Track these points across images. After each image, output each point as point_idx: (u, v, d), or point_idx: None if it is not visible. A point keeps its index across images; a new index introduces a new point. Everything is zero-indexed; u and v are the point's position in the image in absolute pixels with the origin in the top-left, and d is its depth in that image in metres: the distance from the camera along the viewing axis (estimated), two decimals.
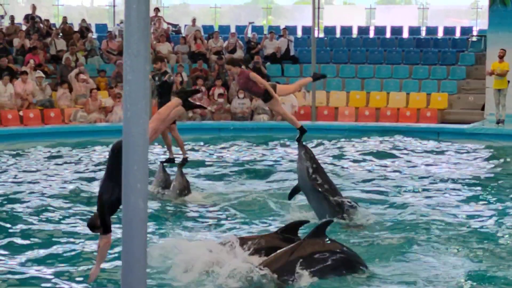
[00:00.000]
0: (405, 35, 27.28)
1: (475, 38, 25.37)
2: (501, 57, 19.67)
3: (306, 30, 26.98)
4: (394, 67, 24.18)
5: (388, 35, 27.21)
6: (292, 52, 25.01)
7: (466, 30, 27.46)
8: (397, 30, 27.42)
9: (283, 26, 26.76)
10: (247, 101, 21.44)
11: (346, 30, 27.86)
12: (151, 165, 12.19)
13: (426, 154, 16.48)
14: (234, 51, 24.57)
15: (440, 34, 27.40)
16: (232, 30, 27.12)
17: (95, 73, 22.82)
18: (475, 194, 11.87)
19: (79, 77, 21.26)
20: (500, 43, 20.55)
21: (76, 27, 25.59)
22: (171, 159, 12.03)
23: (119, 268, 6.90)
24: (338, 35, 27.57)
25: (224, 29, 27.43)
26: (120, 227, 3.53)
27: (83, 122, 20.07)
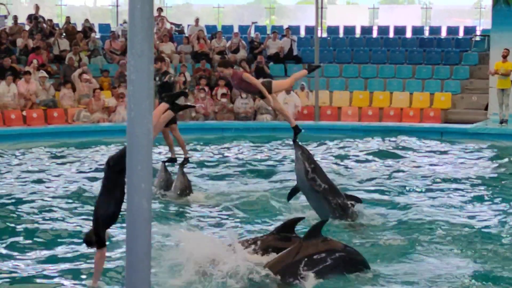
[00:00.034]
0: (408, 35, 27.26)
1: (478, 38, 25.33)
2: (505, 56, 19.64)
3: (309, 30, 26.97)
4: (397, 67, 24.16)
5: (391, 35, 27.19)
6: (295, 52, 25.01)
7: (470, 30, 27.44)
8: (400, 30, 27.39)
9: (286, 26, 26.76)
10: (250, 101, 21.43)
11: (349, 30, 27.85)
12: (152, 164, 12.14)
13: (429, 154, 16.46)
14: (237, 51, 24.58)
15: (444, 34, 27.37)
16: (235, 30, 27.12)
17: (98, 73, 22.84)
18: (479, 194, 11.85)
19: (82, 77, 21.27)
20: (504, 43, 20.54)
21: (79, 27, 25.60)
22: (172, 159, 12.03)
23: (122, 267, 6.93)
24: (341, 35, 27.55)
25: (227, 29, 27.44)
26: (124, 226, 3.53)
27: (86, 122, 20.08)
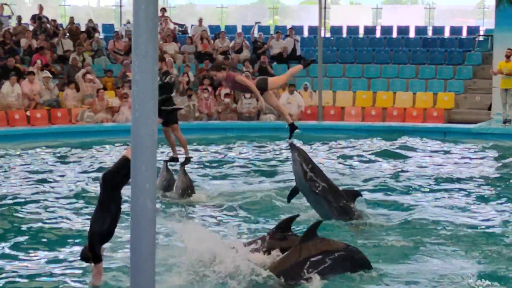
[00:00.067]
0: (412, 35, 27.25)
1: (481, 38, 25.31)
2: (508, 56, 19.62)
3: (313, 30, 26.97)
4: (400, 67, 24.15)
5: (394, 35, 27.18)
6: (298, 52, 25.00)
7: (473, 30, 27.40)
8: (403, 30, 27.38)
9: (289, 26, 26.77)
10: (254, 101, 21.39)
11: (352, 30, 27.84)
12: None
13: (433, 154, 16.45)
14: (241, 51, 24.59)
15: (447, 34, 27.35)
16: (239, 30, 27.13)
17: (102, 73, 22.86)
18: (483, 194, 11.83)
19: (86, 77, 21.30)
20: (507, 43, 20.52)
21: (83, 27, 25.62)
22: (174, 158, 12.03)
23: (126, 268, 6.94)
24: (344, 35, 27.55)
25: (230, 29, 27.45)
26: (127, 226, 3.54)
27: (90, 122, 20.10)
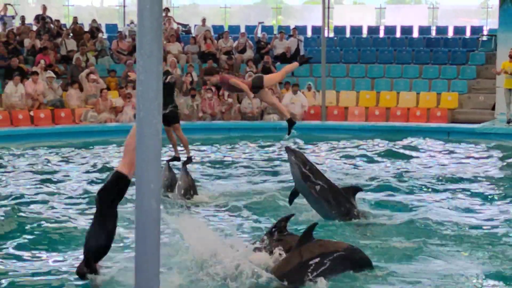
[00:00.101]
0: (415, 34, 27.23)
1: (485, 38, 25.29)
2: None
3: (316, 30, 26.96)
4: (404, 67, 24.14)
5: (398, 34, 27.17)
6: (302, 52, 24.99)
7: (476, 30, 27.39)
8: (407, 30, 27.36)
9: (293, 26, 26.76)
10: (257, 101, 21.41)
11: (356, 30, 27.83)
12: None
13: (436, 154, 16.45)
14: (244, 51, 24.60)
15: (450, 34, 27.33)
16: (242, 30, 27.13)
17: (105, 73, 22.88)
18: (486, 194, 11.81)
19: (89, 77, 21.32)
20: (511, 43, 20.53)
21: (86, 27, 25.64)
22: (176, 158, 12.02)
23: (130, 269, 6.93)
24: (348, 35, 27.53)
25: (234, 29, 27.45)
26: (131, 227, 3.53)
27: (93, 122, 20.12)
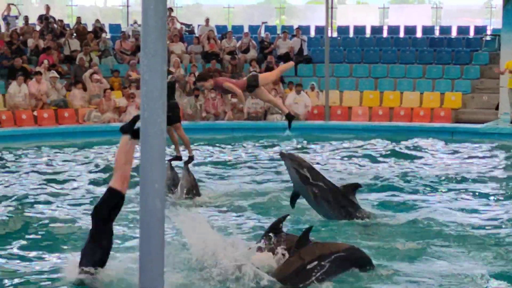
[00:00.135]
0: (419, 34, 27.21)
1: (489, 37, 25.26)
2: None
3: (319, 30, 26.95)
4: (407, 67, 24.11)
5: (401, 34, 27.15)
6: (305, 52, 24.99)
7: (480, 30, 27.36)
8: (410, 30, 27.34)
9: (296, 26, 26.76)
10: (260, 101, 21.39)
11: (359, 30, 27.82)
12: None
13: (440, 154, 16.42)
14: (247, 51, 24.60)
15: (454, 34, 27.32)
16: (245, 30, 27.13)
17: (108, 73, 22.89)
18: (490, 194, 11.78)
19: (93, 77, 21.33)
20: None
21: (89, 28, 25.66)
22: (178, 157, 12.02)
23: (132, 269, 6.92)
24: (351, 35, 27.53)
25: (237, 29, 27.45)
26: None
27: (97, 122, 20.12)
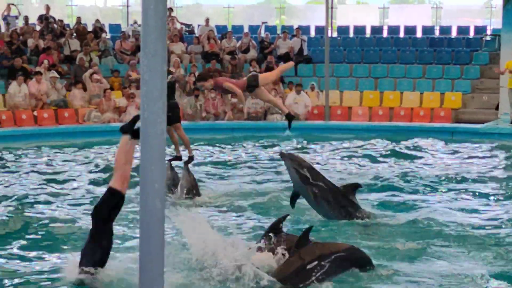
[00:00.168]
0: (419, 34, 27.21)
1: (489, 38, 25.25)
2: None
3: (319, 30, 26.95)
4: (407, 67, 24.11)
5: (401, 34, 27.15)
6: (305, 52, 24.99)
7: (480, 30, 27.36)
8: (410, 30, 27.34)
9: (296, 26, 26.76)
10: (260, 101, 21.38)
11: (359, 30, 27.82)
12: None
13: (440, 154, 16.42)
14: (247, 51, 24.60)
15: (454, 34, 27.32)
16: (245, 30, 27.14)
17: (108, 73, 22.89)
18: (490, 194, 11.78)
19: (93, 77, 21.33)
20: None
21: (89, 28, 25.66)
22: (178, 157, 12.02)
23: (132, 269, 6.92)
24: (351, 35, 27.53)
25: (237, 29, 27.45)
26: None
27: (97, 122, 20.12)
